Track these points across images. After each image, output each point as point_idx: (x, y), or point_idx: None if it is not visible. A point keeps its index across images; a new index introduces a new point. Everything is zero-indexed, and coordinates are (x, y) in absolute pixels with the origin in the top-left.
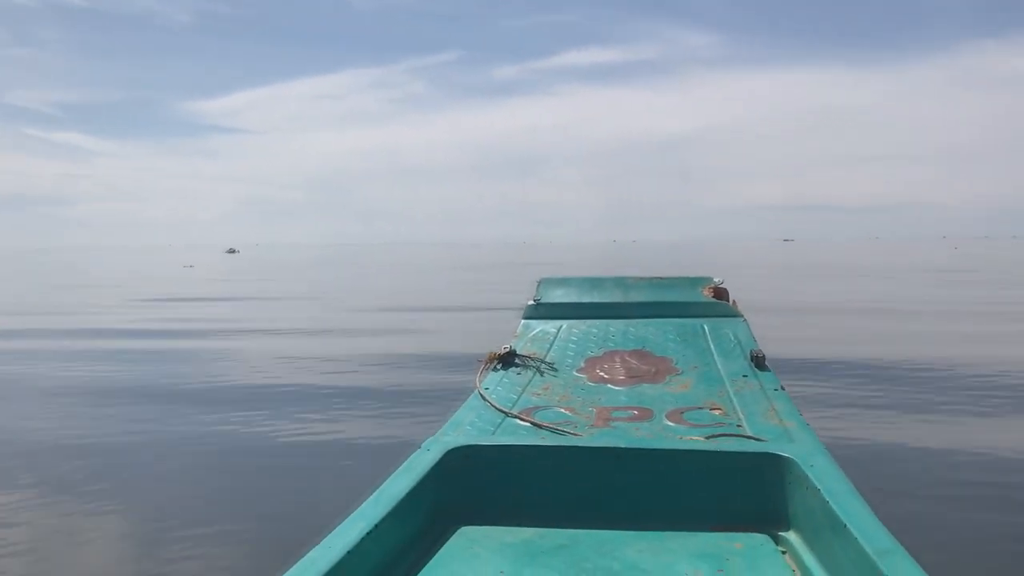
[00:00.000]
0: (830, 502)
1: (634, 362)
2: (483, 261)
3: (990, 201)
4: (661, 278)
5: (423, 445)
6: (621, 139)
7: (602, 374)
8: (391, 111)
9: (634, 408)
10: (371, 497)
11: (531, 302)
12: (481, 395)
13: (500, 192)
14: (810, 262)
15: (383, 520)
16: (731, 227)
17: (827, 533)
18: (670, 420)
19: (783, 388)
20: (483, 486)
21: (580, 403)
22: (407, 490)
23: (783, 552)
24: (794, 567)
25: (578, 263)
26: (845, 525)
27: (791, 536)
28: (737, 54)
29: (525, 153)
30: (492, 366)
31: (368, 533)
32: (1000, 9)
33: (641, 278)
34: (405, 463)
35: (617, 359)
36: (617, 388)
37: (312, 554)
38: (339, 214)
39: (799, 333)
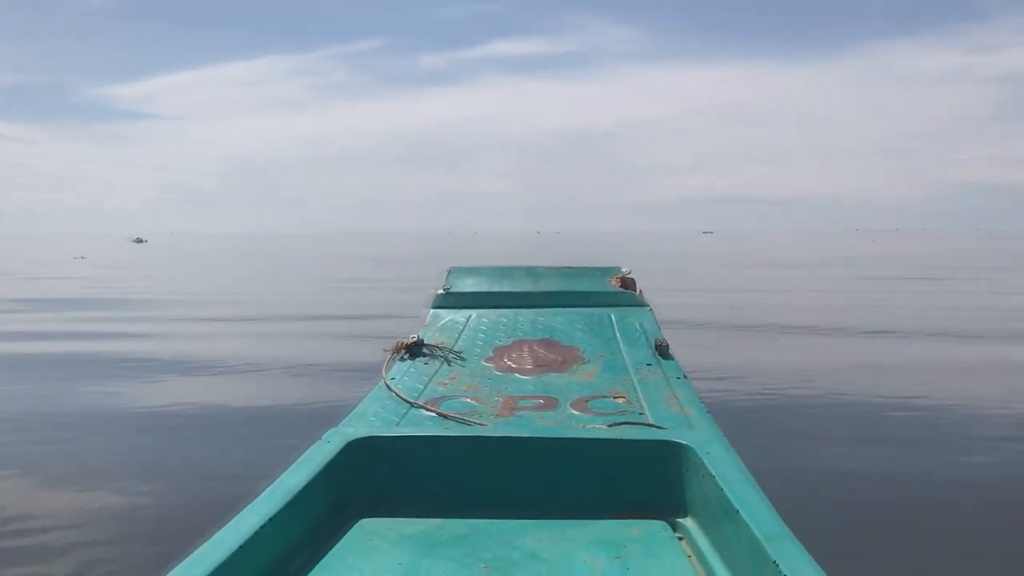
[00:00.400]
0: (724, 488)
1: (542, 351)
2: (401, 253)
3: (901, 194)
4: (571, 268)
5: (324, 437)
6: (547, 130)
7: (510, 363)
8: (312, 99)
9: (540, 397)
10: (266, 491)
11: (440, 291)
12: (387, 385)
13: (425, 182)
14: (722, 253)
15: (278, 514)
16: (654, 219)
17: (721, 519)
18: (575, 409)
19: (686, 376)
20: (384, 478)
21: (487, 393)
22: (304, 482)
23: (680, 538)
24: (690, 552)
25: (498, 254)
26: (737, 511)
27: (688, 522)
28: (659, 49)
29: (452, 143)
30: (399, 356)
31: (261, 527)
32: (913, 11)
33: (551, 268)
34: (303, 455)
35: (525, 348)
36: (524, 377)
37: (202, 549)
38: (258, 203)
39: (705, 318)
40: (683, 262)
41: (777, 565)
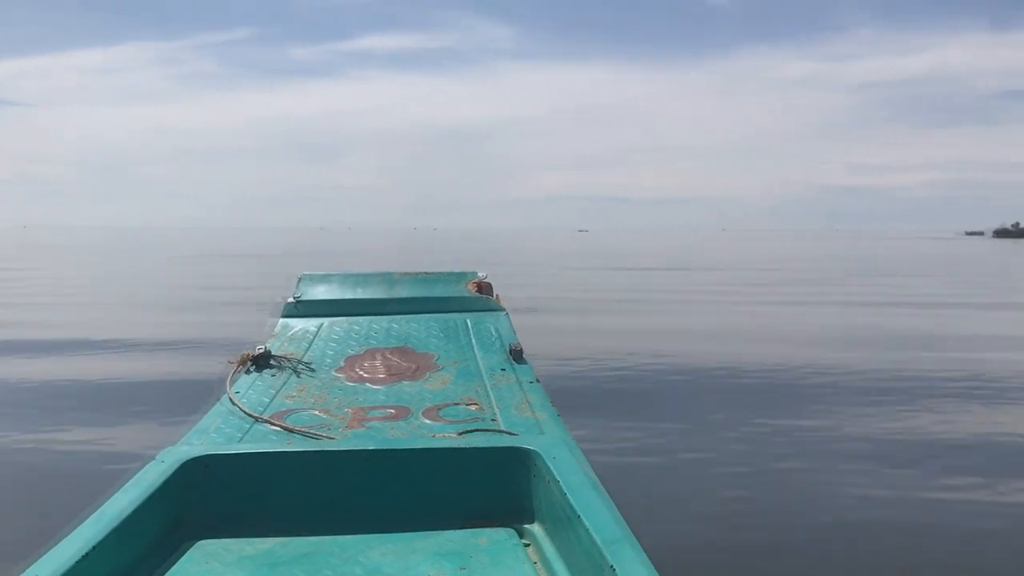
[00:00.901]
0: (568, 494)
1: (395, 359)
2: (269, 249)
3: (766, 195)
4: (427, 274)
5: (157, 456)
6: (424, 127)
7: (362, 373)
8: (179, 89)
9: (391, 407)
10: (90, 517)
11: (290, 300)
12: (230, 400)
13: (299, 177)
14: (594, 251)
15: (104, 539)
16: (532, 216)
17: (565, 524)
18: (426, 418)
19: (538, 381)
20: (224, 497)
21: (336, 404)
22: (135, 505)
23: (527, 545)
24: (535, 559)
25: (371, 251)
26: (579, 516)
27: (535, 528)
28: (534, 48)
29: (326, 137)
30: (244, 369)
31: (85, 555)
32: (773, 19)
33: (406, 274)
34: (134, 477)
35: (378, 357)
36: (376, 387)
37: None
38: (121, 196)
39: (564, 323)
40: (560, 259)
41: (614, 570)
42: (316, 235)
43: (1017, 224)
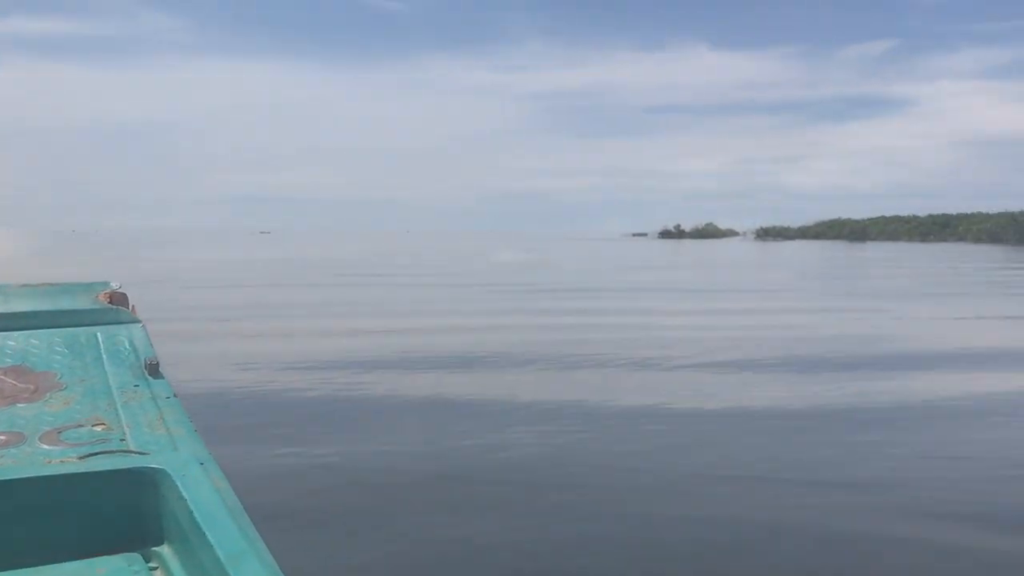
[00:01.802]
0: (195, 512)
1: (10, 381)
2: None
3: (449, 198)
4: (51, 284)
5: None
6: (85, 121)
7: None
8: None
9: (1, 434)
10: None
11: None
12: None
13: None
14: (276, 257)
15: None
16: (211, 217)
17: (193, 543)
18: (44, 443)
19: (175, 396)
20: None
21: None
22: None
23: (154, 568)
24: None
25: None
26: (206, 533)
27: (164, 550)
28: (210, 41)
29: None
30: None
31: None
32: (450, 28)
33: (26, 284)
34: None
35: None
36: None
37: None
38: None
39: (208, 333)
40: (228, 266)
41: None
42: None
43: (678, 226)
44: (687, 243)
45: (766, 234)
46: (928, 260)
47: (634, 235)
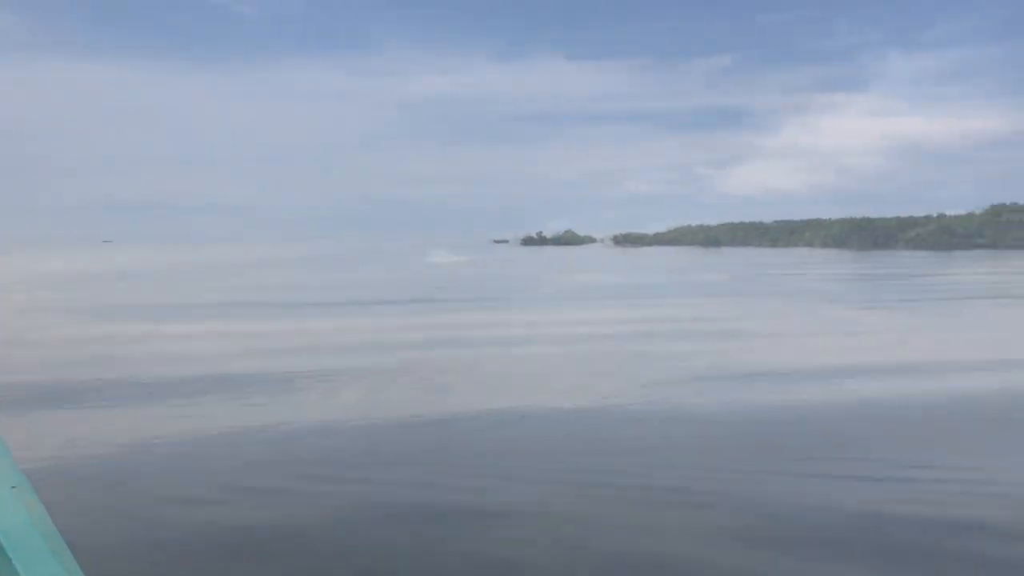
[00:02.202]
0: (2, 538)
1: None
2: None
3: (311, 203)
4: None
5: None
6: None
7: None
8: None
9: None
10: None
11: None
12: None
13: None
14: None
15: None
16: (57, 226)
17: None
18: None
19: None
20: None
21: None
22: None
23: None
24: None
25: None
26: (13, 561)
27: None
28: (42, 38)
29: None
30: None
31: None
32: (307, 32)
33: None
34: None
35: None
36: None
37: None
38: None
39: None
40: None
41: None
42: None
43: (540, 233)
44: (548, 249)
45: (625, 240)
46: (744, 263)
47: (496, 241)
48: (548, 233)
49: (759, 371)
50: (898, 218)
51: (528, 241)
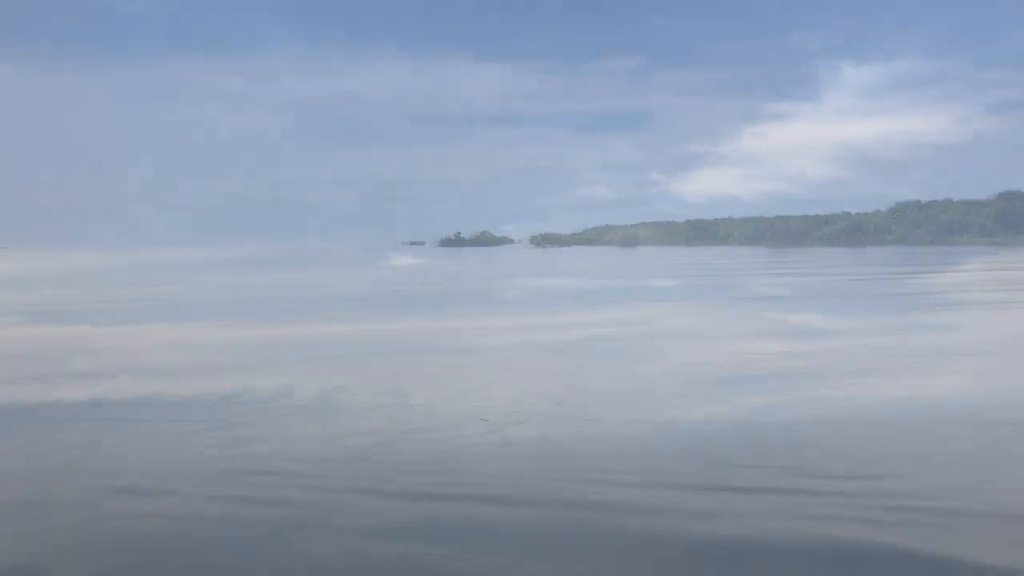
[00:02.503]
0: None
1: None
2: None
3: (194, 208)
4: None
5: None
6: None
7: None
8: None
9: None
10: None
11: None
12: None
13: None
14: None
15: None
16: None
17: None
18: None
19: None
20: None
21: None
22: None
23: None
24: None
25: None
26: None
27: None
28: None
29: None
30: None
31: None
32: (199, 32)
33: None
34: None
35: None
36: None
37: None
38: None
39: None
40: None
41: None
42: None
43: (458, 234)
44: (468, 251)
45: (544, 240)
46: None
47: (412, 243)
48: (466, 235)
49: None
50: (816, 216)
51: (446, 243)
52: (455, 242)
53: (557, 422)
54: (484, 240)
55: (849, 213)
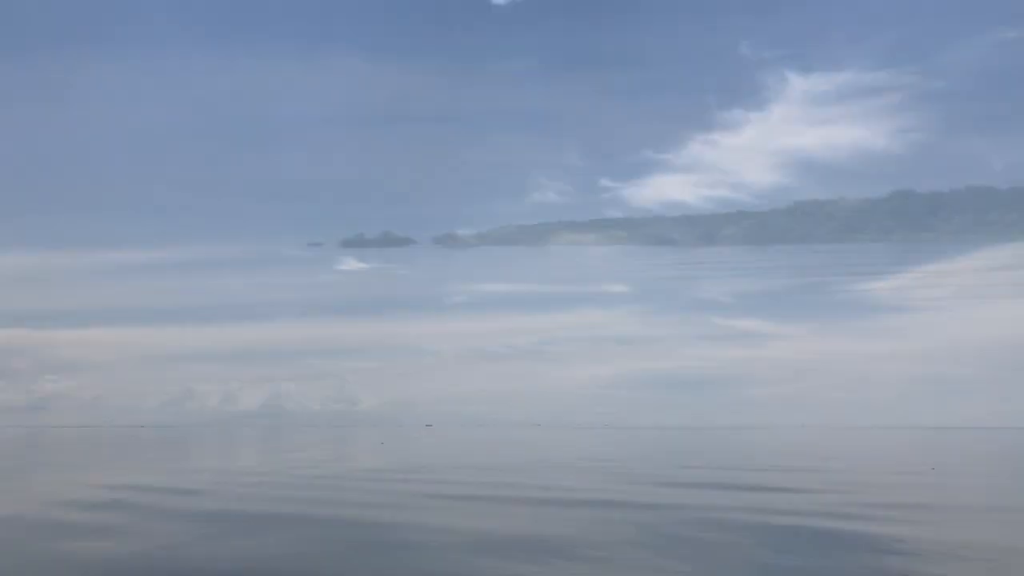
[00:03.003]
0: None
1: None
2: None
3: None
4: None
5: None
6: None
7: None
8: None
9: None
10: None
11: None
12: None
13: None
14: None
15: None
16: None
17: None
18: None
19: None
20: None
21: None
22: None
23: None
24: None
25: None
26: None
27: None
28: None
29: None
30: None
31: None
32: (90, 21)
33: None
34: None
35: None
36: None
37: None
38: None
39: None
40: None
41: None
42: None
43: (361, 234)
44: (372, 251)
45: (449, 240)
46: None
47: (310, 244)
48: (369, 235)
49: None
50: (725, 215)
51: (348, 243)
52: (357, 242)
53: None
54: (388, 240)
55: (748, 212)
